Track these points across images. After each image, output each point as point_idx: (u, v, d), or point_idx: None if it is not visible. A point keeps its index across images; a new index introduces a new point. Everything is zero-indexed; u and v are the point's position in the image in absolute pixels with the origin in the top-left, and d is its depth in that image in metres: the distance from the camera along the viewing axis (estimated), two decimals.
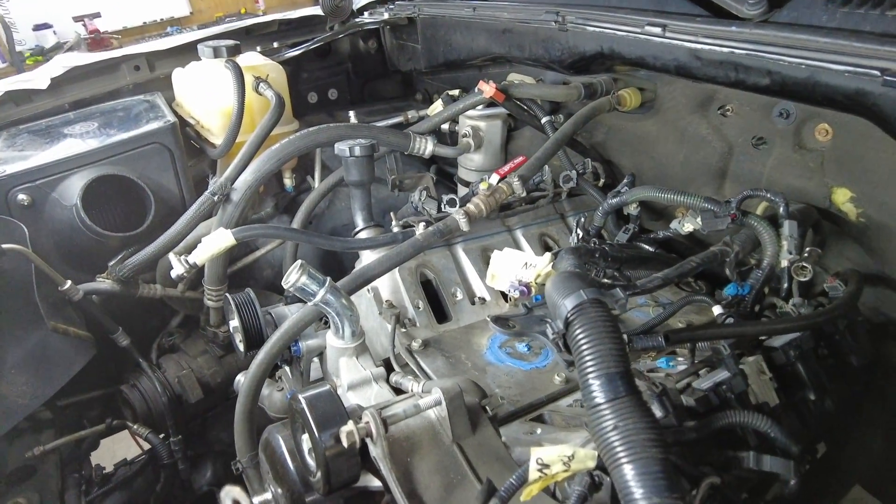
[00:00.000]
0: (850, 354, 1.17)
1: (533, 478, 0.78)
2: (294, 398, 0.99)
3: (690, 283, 1.63)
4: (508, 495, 0.78)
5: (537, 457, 0.78)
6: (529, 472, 0.78)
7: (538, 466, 0.78)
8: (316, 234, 1.46)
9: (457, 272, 1.53)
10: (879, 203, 1.31)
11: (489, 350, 1.36)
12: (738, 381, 0.94)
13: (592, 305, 0.81)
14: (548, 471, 0.78)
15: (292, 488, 1.11)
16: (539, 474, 0.78)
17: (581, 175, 1.69)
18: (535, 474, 0.78)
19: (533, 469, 0.78)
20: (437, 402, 0.94)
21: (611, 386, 0.74)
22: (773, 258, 1.17)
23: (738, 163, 1.60)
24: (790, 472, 0.80)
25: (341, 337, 1.25)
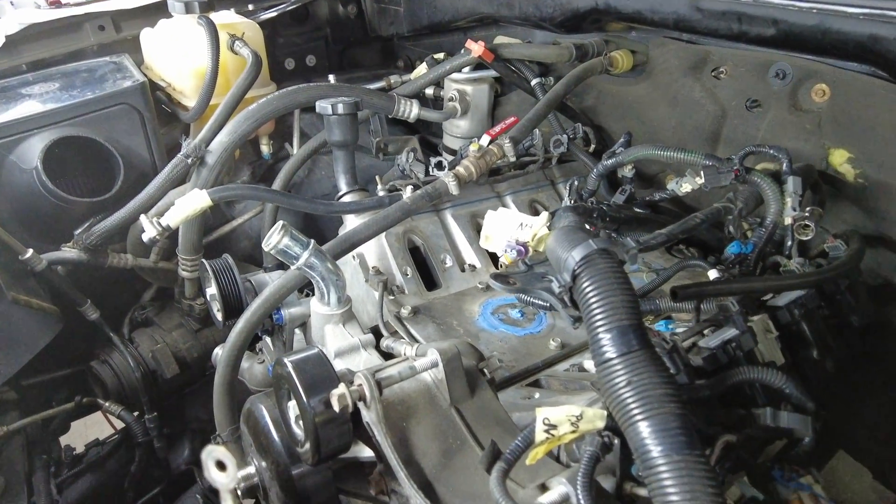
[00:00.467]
0: (851, 315, 1.14)
1: (539, 439, 0.73)
2: (279, 362, 0.93)
3: (682, 251, 1.60)
4: (514, 458, 0.73)
5: (544, 417, 0.73)
6: (536, 433, 0.73)
7: (545, 427, 0.73)
8: (298, 197, 1.38)
9: (446, 238, 1.47)
10: (879, 162, 1.29)
11: (481, 316, 1.31)
12: (746, 338, 0.90)
13: (601, 256, 0.76)
14: (555, 431, 0.73)
15: (277, 460, 1.04)
16: (546, 435, 0.73)
17: (572, 140, 1.63)
18: (541, 435, 0.73)
19: (539, 430, 0.73)
20: (434, 363, 0.89)
21: (623, 339, 0.69)
22: (777, 215, 1.14)
23: (732, 126, 1.57)
24: (808, 427, 0.77)
25: (326, 303, 1.18)
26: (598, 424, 0.75)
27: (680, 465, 0.61)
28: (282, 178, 1.74)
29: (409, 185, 1.37)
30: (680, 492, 0.60)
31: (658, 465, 0.62)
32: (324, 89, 1.54)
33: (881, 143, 1.27)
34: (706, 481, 0.60)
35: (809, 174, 1.27)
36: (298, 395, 0.88)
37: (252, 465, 1.14)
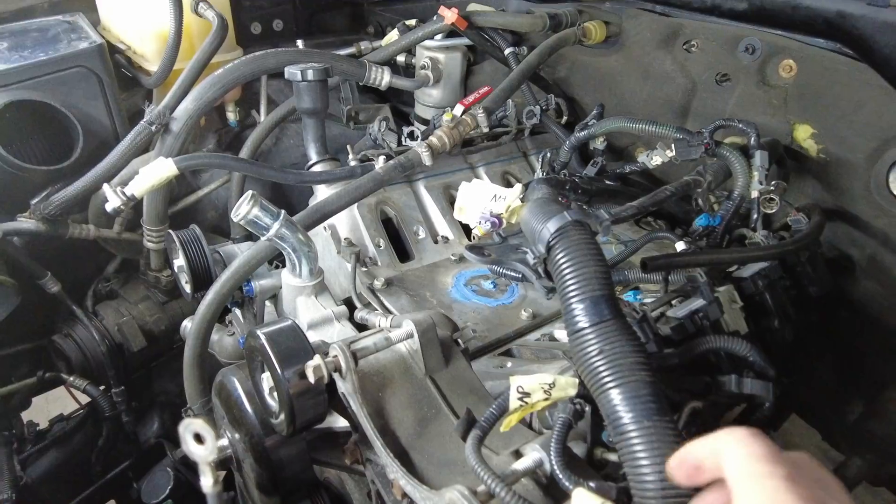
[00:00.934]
0: (809, 285, 1.19)
1: (513, 406, 0.75)
2: (252, 335, 0.92)
3: (651, 223, 1.63)
4: (489, 425, 0.75)
5: (517, 385, 0.75)
6: (510, 400, 0.75)
7: (519, 395, 0.75)
8: (267, 166, 1.35)
9: (419, 210, 1.46)
10: (839, 138, 1.32)
11: (454, 288, 1.32)
12: (713, 308, 0.93)
13: (575, 228, 0.77)
14: (528, 399, 0.75)
15: (251, 432, 1.04)
16: (520, 403, 0.75)
17: (544, 111, 1.63)
18: (515, 403, 0.75)
19: (513, 398, 0.75)
20: (409, 334, 0.89)
21: (595, 309, 0.71)
22: (744, 189, 1.16)
23: (701, 100, 1.58)
24: (769, 393, 0.80)
25: (298, 275, 1.17)
26: (569, 392, 0.77)
27: (650, 431, 0.63)
28: (249, 146, 1.70)
29: (382, 155, 1.35)
30: (650, 456, 0.62)
31: (629, 430, 0.64)
32: (292, 55, 1.50)
33: (842, 120, 1.30)
34: (675, 446, 0.62)
35: (775, 149, 1.29)
36: (273, 367, 0.88)
37: (225, 438, 1.13)
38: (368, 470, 0.97)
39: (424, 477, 0.78)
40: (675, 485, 0.60)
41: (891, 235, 1.27)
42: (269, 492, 1.08)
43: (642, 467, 0.62)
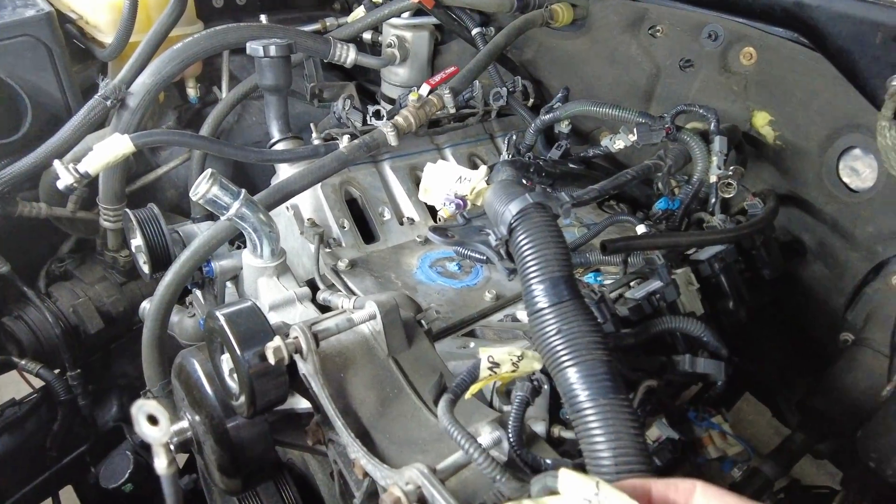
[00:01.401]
0: (763, 268, 1.23)
1: (483, 376, 0.76)
2: (211, 316, 0.90)
3: (613, 206, 1.66)
4: (461, 390, 0.75)
5: (488, 355, 0.76)
6: (481, 370, 0.76)
7: (489, 364, 0.76)
8: (228, 144, 1.32)
9: (384, 191, 1.45)
10: (795, 126, 1.36)
11: (419, 269, 1.32)
12: (670, 290, 0.95)
13: (537, 210, 0.77)
14: (497, 370, 0.76)
15: (211, 413, 1.03)
16: (489, 373, 0.76)
17: (511, 93, 1.63)
18: (485, 372, 0.76)
19: (484, 367, 0.76)
20: (372, 315, 0.89)
21: (555, 290, 0.72)
22: (703, 173, 1.19)
23: (665, 85, 1.61)
24: (721, 372, 0.83)
25: (259, 256, 1.15)
26: (535, 366, 0.78)
27: (605, 409, 0.64)
28: (210, 123, 1.65)
29: (346, 134, 1.33)
30: (605, 433, 0.63)
31: (585, 408, 0.65)
32: (255, 30, 1.46)
33: (798, 108, 1.34)
34: (629, 423, 0.64)
35: (734, 135, 1.32)
36: (232, 348, 0.87)
37: (185, 420, 1.12)
38: (331, 450, 0.97)
39: (386, 456, 0.79)
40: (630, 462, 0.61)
41: (839, 221, 1.32)
42: (231, 474, 1.07)
43: (597, 444, 0.63)
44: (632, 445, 0.62)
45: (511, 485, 0.65)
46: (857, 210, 1.27)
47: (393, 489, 0.66)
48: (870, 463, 0.96)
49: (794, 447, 1.22)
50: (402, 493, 0.65)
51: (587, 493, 0.51)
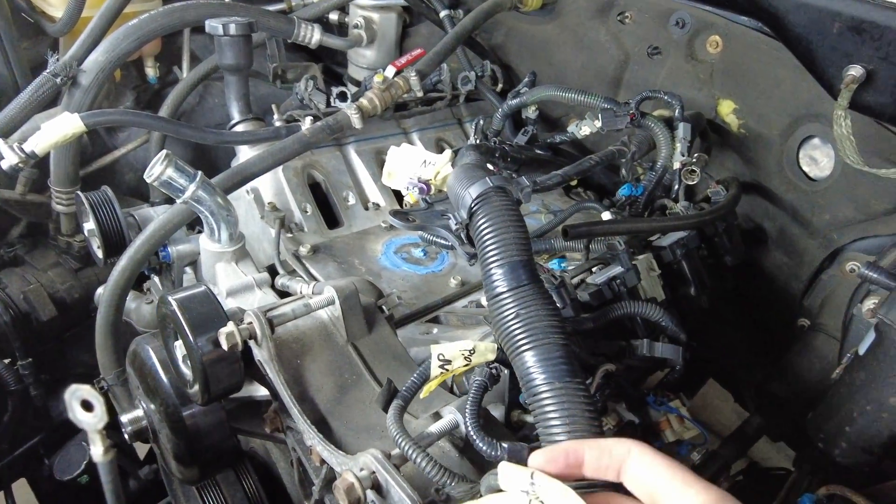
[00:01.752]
0: (725, 255, 1.24)
1: (435, 374, 0.75)
2: (163, 301, 0.88)
3: (580, 193, 1.66)
4: (411, 395, 0.74)
5: (438, 353, 0.75)
6: (431, 368, 0.75)
7: (440, 363, 0.75)
8: (185, 125, 1.27)
9: (349, 175, 1.42)
10: (758, 115, 1.37)
11: (384, 255, 1.30)
12: (630, 275, 0.96)
13: (497, 194, 0.76)
14: (449, 367, 0.75)
15: (166, 401, 1.00)
16: (441, 371, 0.75)
17: (480, 78, 1.61)
18: (436, 371, 0.75)
19: (435, 366, 0.75)
20: (330, 301, 0.87)
21: (513, 275, 0.71)
22: (667, 160, 1.19)
23: (633, 72, 1.61)
24: (679, 357, 0.83)
25: (217, 240, 1.12)
26: (488, 357, 0.77)
27: (561, 392, 0.64)
28: (169, 104, 1.60)
29: (309, 115, 1.30)
30: (560, 416, 0.63)
31: (541, 391, 0.65)
32: (216, 7, 1.41)
33: (762, 97, 1.35)
34: (585, 406, 0.63)
35: (699, 122, 1.33)
36: (185, 334, 0.84)
37: (140, 408, 1.09)
38: (289, 438, 0.96)
39: (342, 443, 0.78)
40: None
41: (799, 209, 1.34)
42: (187, 462, 1.05)
43: (553, 427, 0.63)
44: (586, 428, 0.62)
45: (460, 487, 0.64)
46: (814, 198, 1.29)
47: (346, 475, 0.65)
48: (819, 444, 0.98)
49: (750, 430, 1.24)
50: (356, 478, 0.64)
51: (523, 485, 0.51)
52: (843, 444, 0.95)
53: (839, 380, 0.95)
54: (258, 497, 1.22)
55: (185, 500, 1.32)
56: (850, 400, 0.92)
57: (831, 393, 0.98)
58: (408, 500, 0.62)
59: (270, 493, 1.21)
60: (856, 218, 1.23)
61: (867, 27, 0.98)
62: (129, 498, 1.69)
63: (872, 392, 0.87)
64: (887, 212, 1.17)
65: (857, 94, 1.06)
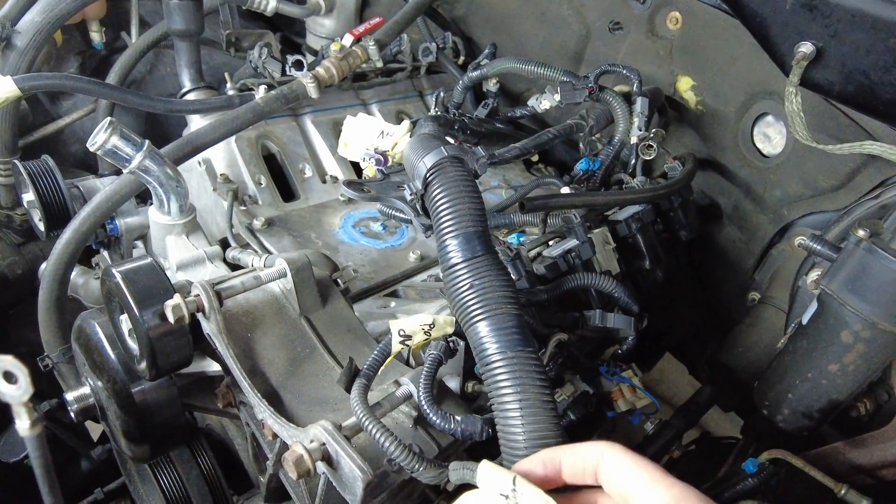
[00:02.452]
0: (680, 230, 1.26)
1: (395, 350, 0.75)
2: (107, 273, 0.84)
3: (541, 169, 1.66)
4: (374, 372, 0.74)
5: (399, 328, 0.74)
6: (392, 344, 0.74)
7: (400, 338, 0.75)
8: (131, 92, 1.22)
9: (305, 146, 1.39)
10: (715, 92, 1.39)
11: (342, 229, 1.28)
12: (585, 248, 0.96)
13: (452, 164, 0.75)
14: (410, 342, 0.75)
15: (114, 378, 0.97)
16: (401, 346, 0.75)
17: (441, 50, 1.59)
18: (397, 346, 0.75)
19: (395, 342, 0.74)
20: (282, 273, 0.85)
21: (468, 245, 0.70)
22: (624, 134, 1.20)
23: (594, 47, 1.60)
24: (630, 327, 0.84)
25: (167, 212, 1.08)
26: (447, 330, 0.77)
27: (513, 361, 0.64)
28: (116, 71, 1.53)
29: (263, 84, 1.26)
30: (512, 384, 0.63)
31: (494, 361, 0.65)
32: None
33: (718, 74, 1.36)
34: (536, 375, 0.64)
35: (657, 97, 1.34)
36: (130, 307, 0.81)
37: (87, 385, 1.06)
38: (242, 413, 0.94)
39: (294, 416, 0.77)
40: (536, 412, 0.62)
41: (752, 185, 1.37)
42: (137, 440, 1.02)
43: (504, 396, 0.63)
44: (538, 397, 0.62)
45: (429, 473, 0.64)
46: (767, 175, 1.32)
47: (296, 447, 0.64)
48: (763, 411, 1.02)
49: (701, 401, 1.28)
50: (305, 450, 0.63)
51: (504, 489, 0.51)
52: (785, 411, 0.98)
53: (783, 349, 0.98)
54: (213, 474, 1.20)
55: (139, 479, 1.29)
56: (792, 368, 0.95)
57: (776, 362, 1.01)
58: (357, 471, 0.61)
59: (228, 469, 1.19)
60: (805, 194, 1.26)
61: (818, 4, 0.99)
62: (81, 479, 1.65)
63: (813, 360, 0.90)
64: (834, 188, 1.21)
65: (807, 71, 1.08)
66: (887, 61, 0.96)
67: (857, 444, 1.02)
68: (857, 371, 0.87)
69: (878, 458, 1.00)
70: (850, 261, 0.82)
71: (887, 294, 0.78)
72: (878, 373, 0.90)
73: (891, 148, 0.90)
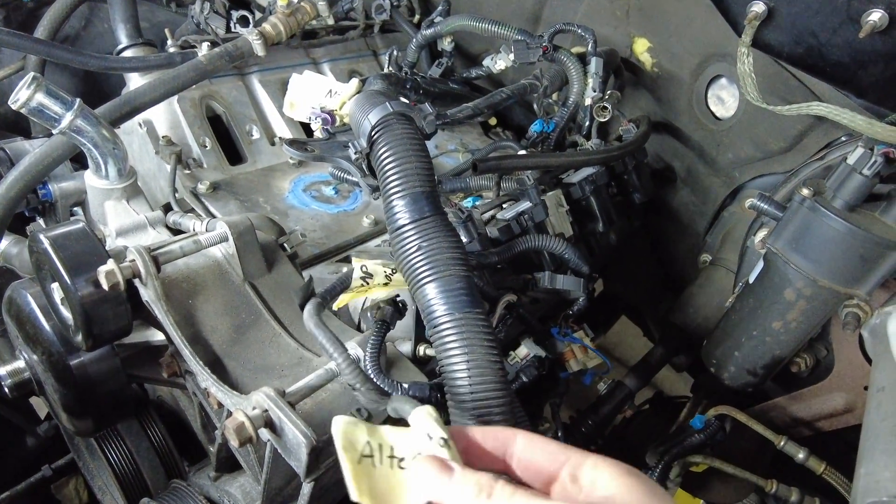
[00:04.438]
0: (634, 192, 1.26)
1: (355, 285, 0.73)
2: (34, 239, 0.79)
3: (498, 133, 1.64)
4: (330, 296, 0.72)
5: (361, 264, 0.73)
6: (353, 279, 0.72)
7: (362, 274, 0.73)
8: (61, 46, 1.14)
9: (252, 107, 1.33)
10: (671, 53, 1.38)
11: (291, 193, 1.24)
12: (538, 210, 0.95)
13: (399, 121, 0.73)
14: (370, 280, 0.73)
15: (49, 349, 0.93)
16: (361, 282, 0.73)
17: (395, 7, 1.53)
18: (357, 281, 0.73)
19: (356, 277, 0.72)
20: (223, 237, 0.82)
21: (416, 206, 0.69)
22: (579, 95, 1.19)
23: (552, 7, 1.57)
24: (580, 288, 0.84)
25: (104, 176, 1.02)
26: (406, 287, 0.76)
27: (461, 322, 0.63)
28: (46, 25, 1.42)
29: (206, 41, 1.19)
30: (459, 346, 0.62)
31: (442, 322, 0.64)
32: None
33: (674, 35, 1.35)
34: (483, 335, 0.63)
35: (613, 59, 1.33)
36: (59, 274, 0.77)
37: (21, 359, 1.01)
38: (189, 382, 0.92)
39: (239, 383, 0.75)
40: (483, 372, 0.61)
41: (705, 148, 1.38)
42: (79, 414, 0.98)
43: (452, 357, 0.62)
44: (485, 356, 0.62)
45: (370, 395, 0.63)
46: (719, 137, 1.33)
47: (237, 414, 0.62)
48: (711, 368, 1.04)
49: (653, 360, 1.31)
50: (247, 417, 0.62)
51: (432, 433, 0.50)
52: (731, 368, 1.01)
53: (730, 308, 1.00)
54: (164, 445, 1.17)
55: (88, 454, 1.26)
56: (739, 327, 0.97)
57: (723, 321, 1.03)
58: (301, 437, 0.60)
59: (182, 440, 1.17)
60: (755, 156, 1.28)
61: None
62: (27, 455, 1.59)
63: (759, 318, 0.92)
64: (783, 150, 1.22)
65: (759, 32, 1.08)
66: (835, 22, 0.96)
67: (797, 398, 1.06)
68: (799, 328, 0.89)
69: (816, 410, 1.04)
70: (794, 219, 0.83)
71: (828, 252, 0.79)
72: (818, 329, 0.93)
73: (836, 109, 0.91)
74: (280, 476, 0.73)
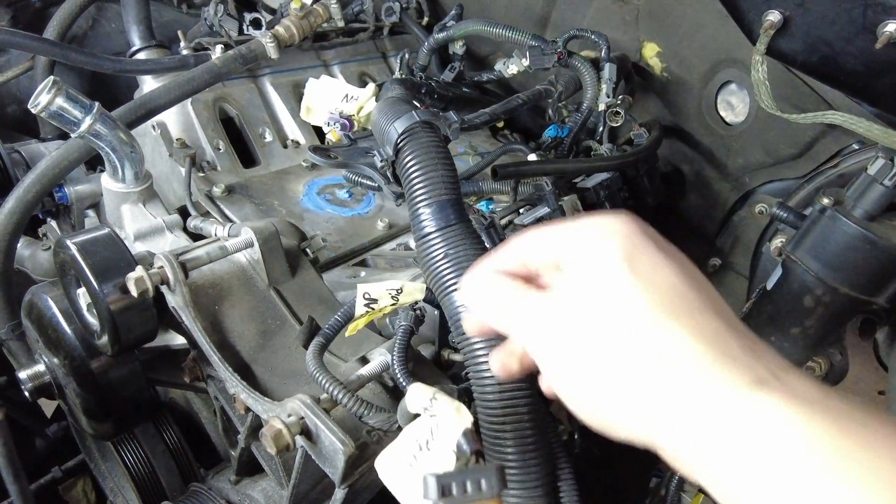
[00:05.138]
0: (646, 196, 1.28)
1: (359, 313, 0.73)
2: (61, 245, 0.80)
3: (507, 136, 1.65)
4: (333, 333, 0.72)
5: (364, 292, 0.73)
6: (356, 307, 0.73)
7: (365, 301, 0.73)
8: (74, 48, 1.14)
9: (265, 109, 1.33)
10: (680, 59, 1.39)
11: (306, 196, 1.24)
12: (556, 215, 0.96)
13: (424, 129, 0.73)
14: (375, 305, 0.74)
15: (72, 354, 0.93)
16: (366, 309, 0.73)
17: (404, 10, 1.54)
18: (361, 309, 0.73)
19: (360, 304, 0.73)
20: (248, 243, 0.82)
21: (442, 214, 0.69)
22: (593, 101, 1.19)
23: (560, 11, 1.58)
24: None
25: (121, 179, 1.03)
26: (417, 297, 0.76)
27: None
28: (55, 26, 1.41)
29: (219, 44, 1.19)
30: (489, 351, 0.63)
31: None
32: None
33: (684, 40, 1.37)
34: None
35: (624, 64, 1.33)
36: (88, 281, 0.77)
37: (41, 363, 1.01)
38: (211, 386, 0.92)
39: (267, 389, 0.75)
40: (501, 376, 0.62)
41: (715, 153, 1.39)
42: (100, 417, 0.99)
43: (480, 363, 0.63)
44: None
45: (378, 417, 0.64)
46: (729, 143, 1.34)
47: (274, 422, 0.63)
48: None
49: None
50: (284, 425, 0.62)
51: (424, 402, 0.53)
52: None
53: (748, 314, 1.01)
54: (181, 448, 1.18)
55: (100, 456, 1.26)
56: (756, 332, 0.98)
57: None
58: (339, 444, 0.61)
59: (193, 443, 1.17)
60: (766, 162, 1.29)
61: None
62: (37, 458, 1.59)
63: (777, 324, 0.93)
64: (793, 156, 1.24)
65: (773, 40, 1.09)
66: (850, 32, 0.97)
67: None
68: (817, 334, 0.90)
69: None
70: (814, 228, 0.85)
71: (849, 260, 0.81)
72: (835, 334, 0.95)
73: (852, 118, 0.92)
74: (308, 481, 0.74)
